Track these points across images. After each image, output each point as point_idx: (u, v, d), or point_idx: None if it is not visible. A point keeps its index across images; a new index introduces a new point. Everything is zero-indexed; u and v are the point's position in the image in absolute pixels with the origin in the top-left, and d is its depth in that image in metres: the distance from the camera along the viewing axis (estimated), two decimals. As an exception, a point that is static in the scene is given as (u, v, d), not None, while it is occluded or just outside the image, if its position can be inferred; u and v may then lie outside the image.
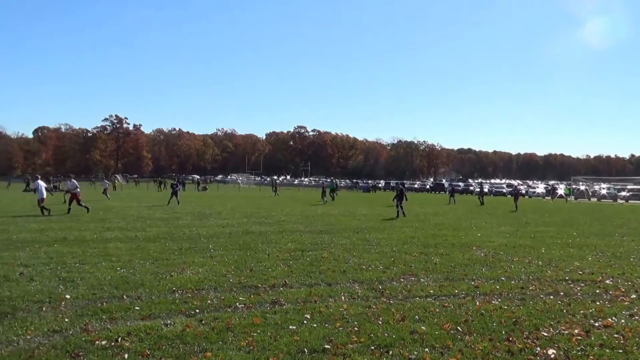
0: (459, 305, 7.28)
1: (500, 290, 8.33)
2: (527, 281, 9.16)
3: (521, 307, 7.25)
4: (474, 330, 6.11)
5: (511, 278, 9.43)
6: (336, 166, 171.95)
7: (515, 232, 18.18)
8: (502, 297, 7.86)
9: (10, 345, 5.35)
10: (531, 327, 6.28)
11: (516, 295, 8.00)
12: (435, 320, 6.45)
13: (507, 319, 6.56)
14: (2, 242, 13.19)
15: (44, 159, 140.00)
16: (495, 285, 8.70)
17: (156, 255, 11.44)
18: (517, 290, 8.41)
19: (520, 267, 10.67)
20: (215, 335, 5.75)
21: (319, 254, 11.96)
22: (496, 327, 6.26)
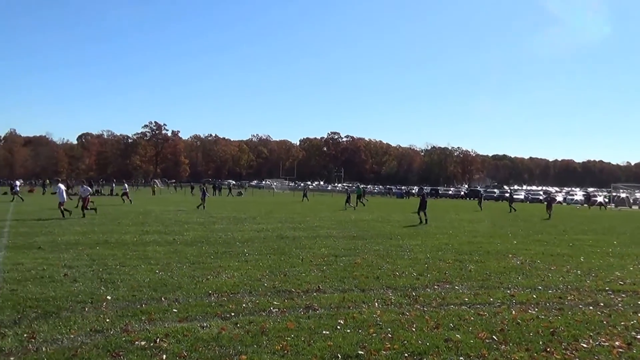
0: (494, 313, 7.18)
1: (537, 300, 8.17)
2: (565, 291, 8.97)
3: (559, 317, 7.10)
4: (510, 339, 6.01)
5: (548, 287, 9.25)
6: (369, 172, 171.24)
7: (553, 240, 17.79)
8: (539, 307, 7.71)
9: (55, 344, 5.54)
10: (570, 338, 6.15)
11: (554, 305, 7.85)
12: (470, 329, 6.38)
13: (544, 329, 6.43)
14: (48, 244, 13.67)
15: (87, 164, 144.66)
16: (532, 294, 8.55)
17: (193, 258, 11.67)
18: (555, 299, 8.25)
19: (558, 276, 10.45)
20: (250, 338, 5.82)
21: (353, 259, 11.97)
22: (533, 337, 6.14)
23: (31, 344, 5.50)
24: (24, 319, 6.44)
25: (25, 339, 5.66)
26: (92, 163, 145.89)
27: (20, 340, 5.64)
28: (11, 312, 6.76)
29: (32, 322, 6.31)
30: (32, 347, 5.42)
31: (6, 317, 6.53)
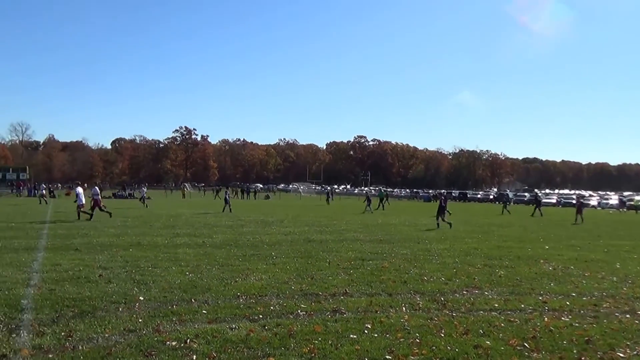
0: (525, 320, 7.06)
1: (571, 307, 7.99)
2: (600, 298, 8.75)
3: (594, 325, 6.92)
4: (542, 347, 5.91)
5: (583, 294, 9.03)
6: (396, 176, 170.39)
7: (587, 245, 17.40)
8: (572, 314, 7.54)
9: (90, 342, 5.70)
10: (605, 346, 5.99)
11: (588, 313, 7.66)
12: (501, 335, 6.29)
13: (578, 337, 6.28)
14: (84, 245, 14.08)
15: (121, 168, 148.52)
16: (565, 301, 8.36)
17: (222, 261, 11.82)
18: (590, 307, 8.04)
19: (593, 282, 10.20)
20: (278, 341, 5.88)
21: (380, 263, 11.95)
22: (567, 345, 6.01)
23: (68, 342, 5.67)
24: (62, 318, 6.64)
25: (62, 337, 5.83)
26: (126, 167, 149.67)
27: (58, 338, 5.81)
28: (50, 311, 6.97)
29: (69, 321, 6.49)
30: (69, 345, 5.58)
31: (45, 315, 6.74)
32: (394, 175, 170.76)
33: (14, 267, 10.38)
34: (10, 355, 5.26)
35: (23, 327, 6.23)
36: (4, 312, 6.85)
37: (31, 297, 7.75)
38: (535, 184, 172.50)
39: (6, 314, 6.80)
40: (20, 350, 5.38)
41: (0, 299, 7.63)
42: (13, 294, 7.99)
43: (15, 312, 6.88)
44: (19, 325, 6.31)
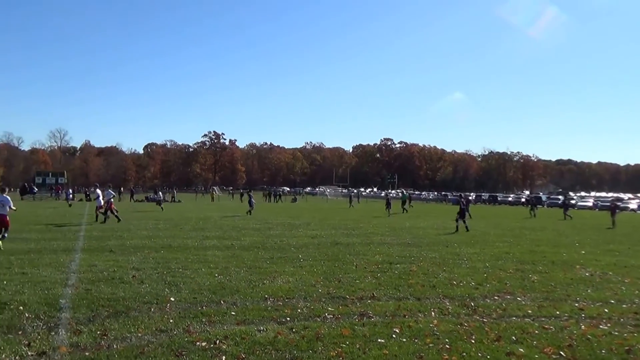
0: (561, 328, 6.90)
1: (610, 314, 7.75)
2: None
3: (635, 334, 6.70)
4: (579, 356, 5.76)
5: (622, 301, 8.74)
6: (424, 178, 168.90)
7: (626, 250, 16.86)
8: (611, 322, 7.29)
9: (124, 341, 5.85)
10: (648, 356, 5.79)
11: (629, 321, 7.40)
12: (535, 343, 6.17)
13: (618, 347, 6.09)
14: (118, 247, 14.42)
15: (153, 172, 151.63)
16: (603, 309, 8.11)
17: (250, 263, 11.95)
18: (630, 315, 7.78)
19: (633, 289, 9.86)
20: (306, 343, 5.91)
21: (408, 267, 11.89)
22: (605, 354, 5.84)
23: (103, 341, 5.84)
24: (97, 317, 6.84)
25: (98, 336, 6.01)
26: (157, 171, 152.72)
27: (94, 337, 5.99)
28: (86, 310, 7.20)
29: (104, 320, 6.69)
30: (104, 343, 5.74)
31: (82, 314, 6.97)
32: (422, 177, 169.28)
33: (53, 268, 10.72)
34: (49, 352, 5.44)
35: (61, 325, 6.44)
36: (43, 311, 7.10)
37: (69, 297, 8.01)
38: (570, 186, 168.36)
39: (45, 312, 7.05)
40: (59, 347, 5.56)
41: (40, 298, 7.91)
42: (52, 293, 8.28)
43: (54, 311, 7.12)
44: (57, 323, 6.53)
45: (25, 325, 6.45)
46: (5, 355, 5.35)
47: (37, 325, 6.47)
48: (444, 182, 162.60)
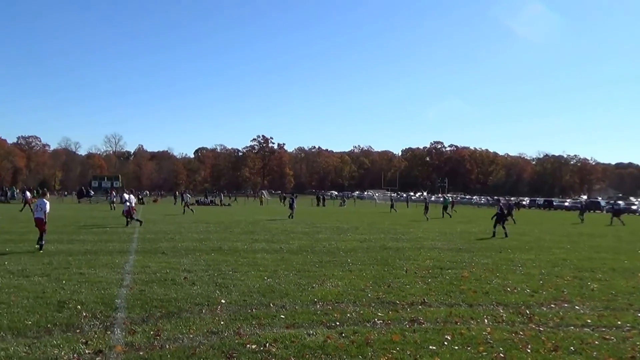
0: (623, 338, 6.56)
1: (676, 326, 7.30)
2: None
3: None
4: (642, 368, 5.46)
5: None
6: (475, 182, 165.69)
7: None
8: (678, 334, 6.86)
9: (176, 342, 5.96)
10: None
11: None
12: (595, 354, 5.90)
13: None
14: (170, 249, 14.80)
15: (203, 176, 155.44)
16: (670, 320, 7.65)
17: (299, 266, 11.99)
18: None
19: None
20: (355, 349, 5.85)
21: (459, 272, 11.65)
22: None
23: (157, 341, 5.96)
24: (151, 318, 7.01)
25: (151, 336, 6.14)
26: (207, 175, 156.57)
27: (148, 337, 6.13)
28: (140, 310, 7.40)
29: (158, 321, 6.84)
30: (157, 344, 5.87)
31: (136, 315, 7.16)
32: (473, 181, 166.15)
33: (109, 269, 11.10)
34: (105, 351, 5.61)
35: (117, 325, 6.64)
36: (100, 310, 7.35)
37: (124, 297, 8.26)
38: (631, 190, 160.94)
39: (102, 312, 7.29)
40: (115, 346, 5.73)
41: (97, 297, 8.19)
42: (108, 293, 8.56)
43: (110, 311, 7.35)
44: (113, 323, 6.74)
45: (82, 323, 6.67)
46: (64, 352, 5.53)
47: (94, 324, 6.67)
48: (496, 186, 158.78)
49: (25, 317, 6.95)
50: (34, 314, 7.09)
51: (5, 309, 7.38)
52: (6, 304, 7.68)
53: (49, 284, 9.32)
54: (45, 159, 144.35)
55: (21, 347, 5.70)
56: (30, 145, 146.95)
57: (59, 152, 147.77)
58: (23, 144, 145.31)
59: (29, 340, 5.94)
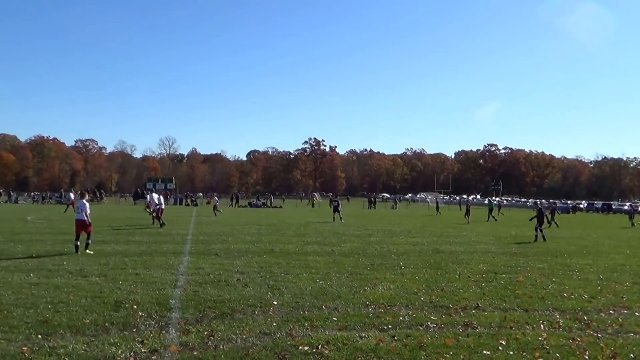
0: (684, 346, 6.28)
1: None
2: None
3: None
4: None
5: None
6: (530, 185, 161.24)
7: None
8: None
9: (230, 343, 6.08)
10: None
11: None
12: (655, 362, 5.67)
13: None
14: (223, 251, 15.12)
15: (255, 178, 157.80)
16: None
17: (350, 269, 12.01)
18: None
19: None
20: (408, 352, 5.83)
21: (514, 277, 11.39)
22: None
23: (210, 341, 6.09)
24: (205, 318, 7.18)
25: (205, 337, 6.28)
26: (259, 177, 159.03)
27: (202, 337, 6.28)
28: (194, 311, 7.58)
29: (211, 322, 7.00)
30: (211, 344, 6.00)
31: (190, 315, 7.34)
32: (528, 184, 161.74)
33: (163, 269, 11.43)
34: (160, 350, 5.77)
35: (171, 324, 6.82)
36: (155, 310, 7.57)
37: (178, 298, 8.48)
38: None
39: (157, 311, 7.50)
40: (169, 346, 5.88)
41: (152, 297, 8.45)
42: (163, 293, 8.81)
43: (164, 311, 7.56)
44: (168, 323, 6.93)
45: (138, 323, 6.87)
46: (120, 351, 5.70)
47: (149, 323, 6.86)
48: (552, 189, 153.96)
49: (84, 315, 7.17)
50: (92, 313, 7.31)
51: (64, 307, 7.63)
52: (65, 303, 7.94)
53: (106, 284, 9.62)
54: (101, 162, 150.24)
55: (80, 345, 5.87)
56: (88, 148, 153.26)
57: (115, 155, 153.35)
58: (80, 147, 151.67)
59: (87, 339, 6.11)
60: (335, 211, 32.96)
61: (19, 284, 9.45)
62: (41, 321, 6.84)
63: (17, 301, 8.01)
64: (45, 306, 7.70)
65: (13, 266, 11.48)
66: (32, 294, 8.57)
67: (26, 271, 10.81)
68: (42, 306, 7.71)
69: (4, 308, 7.52)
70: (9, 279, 9.91)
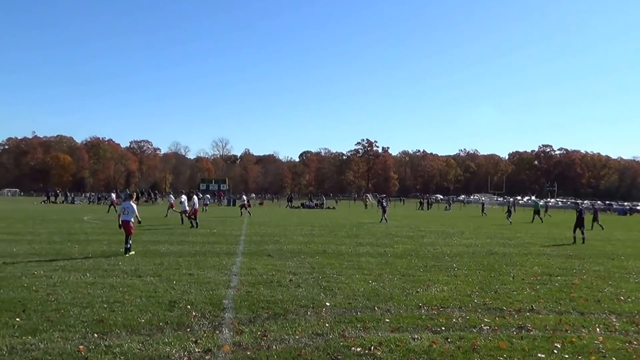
0: None
1: None
2: None
3: None
4: None
5: None
6: (586, 186, 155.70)
7: None
8: None
9: (282, 343, 6.18)
10: None
11: None
12: None
13: None
14: (275, 251, 15.32)
15: (308, 179, 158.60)
16: None
17: (403, 270, 11.99)
18: None
19: None
20: (461, 354, 5.81)
21: (569, 279, 11.11)
22: None
23: (263, 342, 6.20)
24: (258, 318, 7.30)
25: (258, 337, 6.39)
26: (312, 178, 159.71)
27: (255, 337, 6.39)
28: (247, 311, 7.72)
29: (264, 322, 7.12)
30: (264, 344, 6.10)
31: (243, 315, 7.48)
32: (584, 186, 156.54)
33: (217, 270, 11.67)
34: (214, 350, 5.88)
35: (225, 325, 6.96)
36: (208, 310, 7.73)
37: (231, 298, 8.65)
38: None
39: (210, 311, 7.66)
40: (223, 346, 6.00)
41: (206, 298, 8.64)
42: (216, 294, 8.99)
43: (218, 311, 7.72)
44: (221, 323, 7.07)
45: (192, 323, 7.02)
46: (175, 350, 5.85)
47: (203, 323, 7.00)
48: (609, 190, 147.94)
49: (139, 315, 7.34)
50: (146, 313, 7.47)
51: (119, 307, 7.81)
52: (121, 302, 8.12)
53: (160, 283, 9.79)
54: (156, 163, 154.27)
55: (134, 344, 6.00)
56: (142, 149, 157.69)
57: (169, 156, 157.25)
58: (135, 148, 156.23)
59: (142, 338, 6.25)
60: (383, 212, 33.05)
61: (75, 283, 9.73)
62: (97, 320, 7.03)
63: (74, 300, 8.22)
64: (101, 305, 7.91)
65: (70, 266, 11.88)
66: (89, 293, 8.82)
67: (83, 271, 11.17)
68: (98, 305, 7.91)
69: (61, 307, 7.74)
70: (66, 278, 10.22)
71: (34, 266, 11.72)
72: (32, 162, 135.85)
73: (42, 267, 11.63)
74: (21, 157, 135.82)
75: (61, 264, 12.12)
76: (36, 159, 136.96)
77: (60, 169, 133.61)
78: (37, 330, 6.52)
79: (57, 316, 7.25)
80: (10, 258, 12.95)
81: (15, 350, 5.76)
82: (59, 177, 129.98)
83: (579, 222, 21.01)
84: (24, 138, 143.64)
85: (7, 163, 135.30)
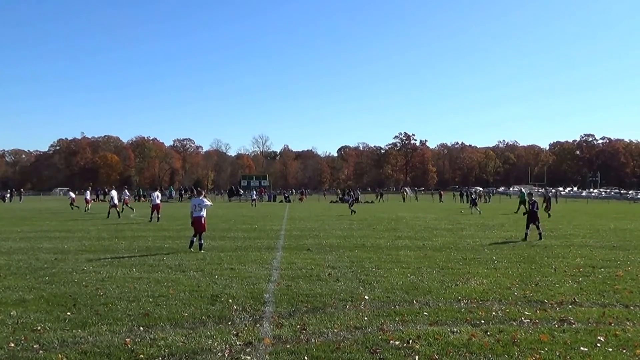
0: None
1: None
2: None
3: None
4: None
5: None
6: (631, 176, 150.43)
7: None
8: None
9: (321, 336, 6.25)
10: None
11: None
12: None
13: None
14: (315, 246, 15.46)
15: (346, 174, 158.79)
16: None
17: (442, 264, 11.92)
18: None
19: None
20: (501, 347, 5.77)
21: (613, 271, 10.81)
22: None
23: (302, 335, 6.28)
24: (297, 312, 7.42)
25: (297, 330, 6.49)
26: (350, 173, 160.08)
27: (294, 330, 6.49)
28: (287, 305, 7.85)
29: (303, 315, 7.23)
30: (303, 337, 6.18)
31: (283, 309, 7.61)
32: (628, 175, 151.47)
33: (258, 264, 11.87)
34: (255, 343, 6.00)
35: (265, 318, 7.09)
36: (249, 304, 7.89)
37: (272, 292, 8.80)
38: None
39: (251, 305, 7.82)
40: (263, 339, 6.12)
41: (247, 292, 8.81)
42: (257, 288, 9.16)
43: (258, 305, 7.87)
44: (262, 316, 7.20)
45: (234, 316, 7.18)
46: (217, 343, 5.99)
47: (244, 317, 7.15)
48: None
49: (182, 309, 7.53)
50: (189, 307, 7.67)
51: (164, 301, 8.05)
52: (165, 296, 8.38)
53: (203, 278, 10.03)
54: (198, 160, 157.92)
55: (178, 337, 6.17)
56: (185, 147, 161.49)
57: (211, 153, 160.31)
58: (179, 147, 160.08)
59: (185, 331, 6.41)
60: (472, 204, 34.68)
61: (122, 278, 10.09)
62: (143, 314, 7.26)
63: (121, 295, 8.53)
64: (146, 300, 8.18)
65: (117, 261, 12.34)
66: (135, 287, 9.12)
67: (129, 266, 11.57)
68: (144, 300, 8.17)
69: (109, 301, 8.03)
70: (113, 273, 10.62)
71: (84, 262, 12.19)
72: (81, 162, 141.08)
73: (92, 263, 12.10)
74: (71, 157, 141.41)
75: (109, 260, 12.58)
76: (85, 158, 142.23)
77: (108, 168, 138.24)
78: (86, 323, 6.78)
79: (105, 310, 7.51)
80: (62, 254, 13.50)
81: (66, 343, 6.02)
82: (107, 175, 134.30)
83: (532, 217, 17.86)
84: (73, 139, 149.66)
85: (58, 163, 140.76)
